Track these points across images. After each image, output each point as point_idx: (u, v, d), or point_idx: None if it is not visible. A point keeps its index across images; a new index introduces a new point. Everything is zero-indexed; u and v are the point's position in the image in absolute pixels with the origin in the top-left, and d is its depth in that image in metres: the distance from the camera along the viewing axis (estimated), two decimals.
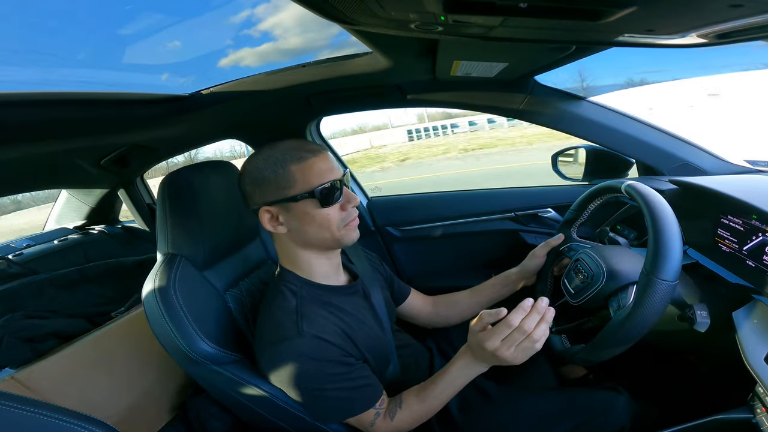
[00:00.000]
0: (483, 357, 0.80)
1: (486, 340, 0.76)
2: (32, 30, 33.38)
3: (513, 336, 0.74)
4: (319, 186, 0.77)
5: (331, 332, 0.80)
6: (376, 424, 0.84)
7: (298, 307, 0.81)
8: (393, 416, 0.85)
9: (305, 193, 0.77)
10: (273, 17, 74.49)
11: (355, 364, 0.82)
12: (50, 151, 1.12)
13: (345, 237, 0.83)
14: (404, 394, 0.88)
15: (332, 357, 0.78)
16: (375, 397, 0.83)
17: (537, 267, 1.07)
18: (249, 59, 56.19)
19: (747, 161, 1.12)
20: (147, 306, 0.83)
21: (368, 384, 0.83)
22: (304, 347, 0.76)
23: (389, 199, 1.74)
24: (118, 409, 1.06)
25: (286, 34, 69.47)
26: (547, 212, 1.48)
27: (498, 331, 0.75)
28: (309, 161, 0.78)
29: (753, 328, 0.70)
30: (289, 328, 0.78)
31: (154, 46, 60.73)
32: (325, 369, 0.77)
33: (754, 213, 0.75)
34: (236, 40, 73.04)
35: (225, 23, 57.20)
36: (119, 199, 1.84)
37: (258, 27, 74.41)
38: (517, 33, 0.68)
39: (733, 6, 0.49)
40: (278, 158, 0.78)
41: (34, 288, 1.24)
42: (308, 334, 0.77)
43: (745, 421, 0.70)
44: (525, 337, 0.74)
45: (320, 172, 0.78)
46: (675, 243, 0.65)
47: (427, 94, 1.29)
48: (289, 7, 26.96)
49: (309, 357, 0.76)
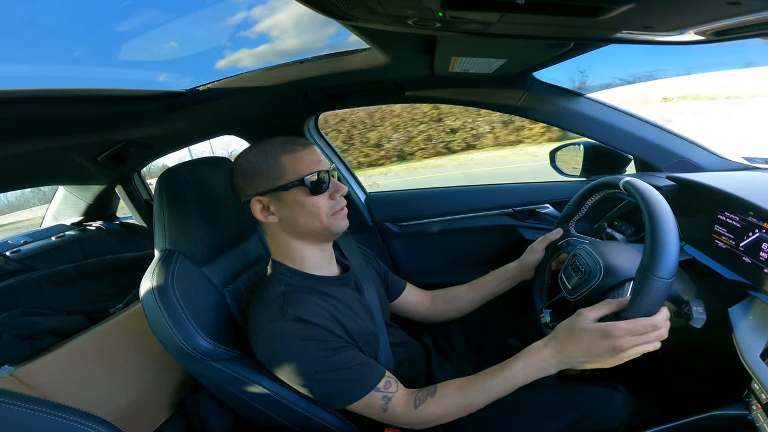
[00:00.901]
0: (574, 353, 0.73)
1: (615, 333, 0.67)
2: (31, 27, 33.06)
3: (646, 337, 0.68)
4: (308, 175, 0.81)
5: (318, 315, 0.81)
6: (390, 409, 0.81)
7: (285, 294, 0.83)
8: (420, 404, 0.81)
9: (295, 182, 0.81)
10: (269, 18, 71.03)
11: (345, 346, 0.81)
12: (47, 147, 1.12)
13: (334, 225, 0.86)
14: (441, 385, 0.84)
15: (318, 337, 0.78)
16: (374, 379, 0.81)
17: (535, 262, 1.08)
18: (246, 60, 54.66)
19: (744, 158, 1.12)
20: (145, 302, 0.83)
21: (362, 364, 0.82)
22: (288, 329, 0.78)
23: (387, 194, 1.74)
24: (117, 405, 1.07)
25: (283, 36, 66.96)
26: (545, 208, 1.49)
27: (636, 329, 0.67)
28: (299, 153, 0.83)
29: (749, 325, 0.71)
30: (274, 311, 0.80)
31: (149, 45, 60.14)
32: (312, 350, 0.78)
33: (750, 209, 0.76)
34: (233, 41, 70.87)
35: (221, 25, 56.57)
36: (116, 196, 1.83)
37: (254, 28, 70.82)
38: (515, 29, 0.68)
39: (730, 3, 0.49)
40: (269, 151, 0.83)
41: (32, 285, 1.23)
42: (291, 315, 0.78)
43: (741, 417, 0.71)
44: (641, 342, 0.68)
45: (309, 163, 0.83)
46: (672, 240, 0.65)
47: (424, 91, 1.29)
48: (286, 9, 26.73)
49: (293, 337, 0.78)
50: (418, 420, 0.82)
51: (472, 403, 0.81)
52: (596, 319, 0.72)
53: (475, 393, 0.80)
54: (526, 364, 0.77)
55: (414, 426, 0.84)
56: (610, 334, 0.68)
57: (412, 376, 0.89)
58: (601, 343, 0.69)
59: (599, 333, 0.69)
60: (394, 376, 0.86)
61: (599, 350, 0.69)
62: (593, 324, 0.71)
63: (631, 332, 0.67)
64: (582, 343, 0.71)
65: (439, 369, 1.09)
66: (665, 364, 1.06)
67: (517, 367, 0.77)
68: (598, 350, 0.69)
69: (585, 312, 0.73)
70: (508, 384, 0.78)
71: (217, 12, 56.65)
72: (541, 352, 0.76)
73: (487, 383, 0.79)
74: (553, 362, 0.75)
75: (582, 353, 0.71)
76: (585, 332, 0.71)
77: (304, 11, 0.61)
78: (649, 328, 0.67)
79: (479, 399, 0.80)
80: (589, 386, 0.96)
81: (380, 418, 0.83)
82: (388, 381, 0.83)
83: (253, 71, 1.16)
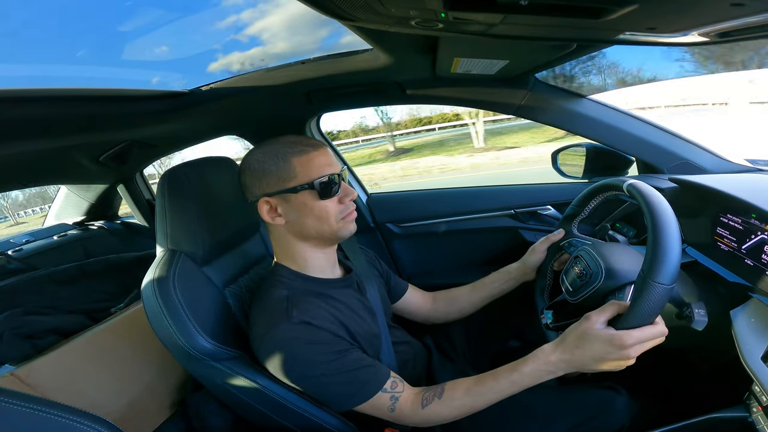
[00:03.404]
0: (583, 359, 0.72)
1: (628, 342, 0.67)
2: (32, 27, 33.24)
3: (652, 344, 0.68)
4: (318, 178, 0.80)
5: (323, 318, 0.80)
6: (398, 409, 0.81)
7: (289, 297, 0.82)
8: (426, 405, 0.81)
9: (305, 185, 0.80)
10: (260, 22, 74.06)
11: (350, 348, 0.81)
12: (50, 147, 1.12)
13: (342, 229, 0.86)
14: (449, 385, 0.83)
15: (323, 340, 0.78)
16: (380, 380, 0.81)
17: (537, 262, 1.07)
18: (238, 63, 56.51)
19: (747, 160, 1.12)
20: (146, 302, 0.83)
21: (368, 365, 0.82)
22: (293, 332, 0.77)
23: (389, 195, 1.74)
24: (118, 405, 1.07)
25: (274, 39, 69.25)
26: (547, 209, 1.48)
27: (647, 336, 0.67)
28: (310, 154, 0.82)
29: (751, 327, 0.70)
30: (279, 315, 0.79)
31: (141, 50, 60.95)
32: (318, 353, 0.78)
33: (753, 212, 0.75)
34: (224, 44, 73.36)
35: (211, 29, 58.03)
36: (119, 195, 1.84)
37: (245, 32, 74.28)
38: (517, 30, 0.68)
39: (734, 5, 0.48)
40: (280, 151, 0.82)
41: (34, 284, 1.24)
42: (297, 319, 0.78)
43: (741, 419, 0.71)
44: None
45: (320, 166, 0.82)
46: (674, 246, 0.65)
47: (427, 91, 1.28)
48: (277, 12, 26.86)
49: (300, 341, 0.77)
50: (425, 420, 0.82)
51: (479, 405, 0.80)
52: (604, 322, 0.71)
53: (482, 395, 0.80)
54: (534, 369, 0.76)
55: (419, 425, 0.84)
56: (623, 343, 0.67)
57: (414, 376, 0.89)
58: (613, 351, 0.68)
59: (611, 341, 0.68)
60: (399, 376, 0.86)
61: (610, 357, 0.69)
62: (605, 331, 0.69)
63: (642, 340, 0.67)
64: (593, 350, 0.70)
65: (441, 369, 1.09)
66: (666, 367, 1.05)
67: (524, 371, 0.77)
68: (609, 357, 0.69)
69: (593, 316, 0.72)
70: (515, 387, 0.78)
71: (207, 16, 57.24)
72: (550, 357, 0.75)
73: (494, 385, 0.79)
74: (561, 366, 0.75)
75: (592, 359, 0.71)
76: (597, 340, 0.70)
77: (295, 14, 0.61)
78: (658, 335, 0.68)
79: (486, 400, 0.80)
80: (590, 389, 0.96)
81: (388, 417, 0.83)
82: (395, 381, 0.83)
83: (255, 72, 1.16)
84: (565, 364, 0.74)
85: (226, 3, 57.70)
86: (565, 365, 0.74)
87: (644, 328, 0.67)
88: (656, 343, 0.68)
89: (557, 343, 0.76)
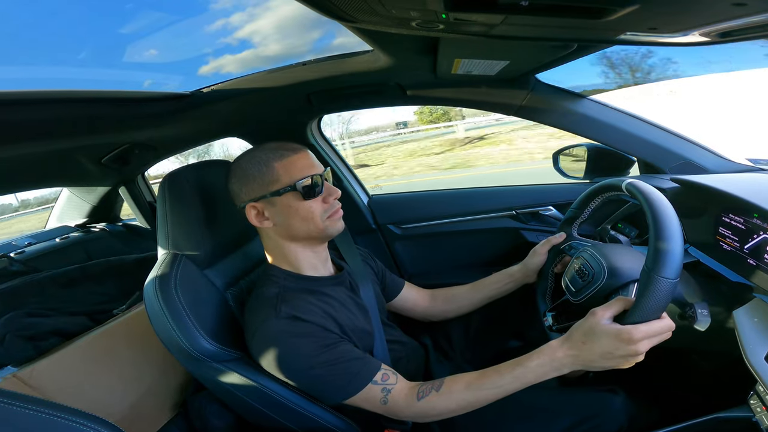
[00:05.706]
0: (591, 356, 0.71)
1: (636, 336, 0.66)
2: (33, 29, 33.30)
3: (659, 339, 0.68)
4: (300, 180, 0.83)
5: (311, 312, 0.82)
6: (391, 401, 0.81)
7: (279, 294, 0.84)
8: (422, 397, 0.80)
9: (288, 187, 0.83)
10: (250, 25, 73.71)
11: (339, 341, 0.82)
12: (52, 149, 1.12)
13: (329, 227, 0.88)
14: (448, 379, 0.82)
15: (311, 333, 0.79)
16: (369, 372, 0.81)
17: (538, 265, 1.07)
18: (230, 66, 56.22)
19: (749, 160, 1.11)
20: (148, 304, 0.84)
21: (357, 357, 0.82)
22: (280, 326, 0.79)
23: (390, 197, 1.74)
24: (120, 406, 1.07)
25: (265, 41, 69.12)
26: (548, 210, 1.48)
27: (654, 331, 0.67)
28: (291, 158, 0.85)
29: (753, 327, 0.70)
30: (268, 311, 0.81)
31: (131, 54, 60.83)
32: (305, 346, 0.78)
33: (755, 211, 0.75)
34: (214, 48, 72.77)
35: (200, 33, 57.92)
36: (120, 197, 1.84)
37: (235, 35, 73.87)
38: (518, 31, 0.68)
39: (735, 5, 0.48)
40: (262, 157, 0.85)
41: (36, 286, 1.24)
42: (285, 313, 0.79)
43: (745, 419, 0.70)
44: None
45: (302, 168, 0.84)
46: (676, 240, 0.65)
47: (427, 92, 1.29)
48: (267, 15, 27.00)
49: (287, 335, 0.79)
50: (421, 412, 0.81)
51: (479, 400, 0.79)
52: (611, 318, 0.70)
53: (483, 390, 0.78)
54: (539, 364, 0.75)
55: (415, 418, 0.84)
56: (631, 338, 0.66)
57: (408, 375, 0.88)
58: (620, 347, 0.67)
59: (619, 336, 0.67)
60: (393, 369, 0.86)
61: (618, 353, 0.68)
62: (612, 326, 0.68)
63: (650, 335, 0.66)
64: (601, 346, 0.69)
65: (438, 367, 1.09)
66: (669, 367, 1.05)
67: (530, 365, 0.75)
68: (617, 353, 0.68)
69: (599, 312, 0.71)
70: (518, 382, 0.76)
71: (196, 20, 57.25)
72: (556, 353, 0.74)
73: (497, 380, 0.78)
74: (567, 362, 0.73)
75: (599, 355, 0.70)
76: (604, 335, 0.68)
77: (286, 17, 0.61)
78: (666, 329, 0.67)
79: (487, 396, 0.78)
80: (590, 389, 0.96)
81: (381, 410, 0.82)
82: (386, 374, 0.83)
83: (256, 73, 1.16)
84: (572, 360, 0.73)
85: (214, 6, 57.79)
86: (571, 361, 0.73)
87: (652, 323, 0.66)
88: (664, 338, 0.68)
89: (564, 340, 0.75)
